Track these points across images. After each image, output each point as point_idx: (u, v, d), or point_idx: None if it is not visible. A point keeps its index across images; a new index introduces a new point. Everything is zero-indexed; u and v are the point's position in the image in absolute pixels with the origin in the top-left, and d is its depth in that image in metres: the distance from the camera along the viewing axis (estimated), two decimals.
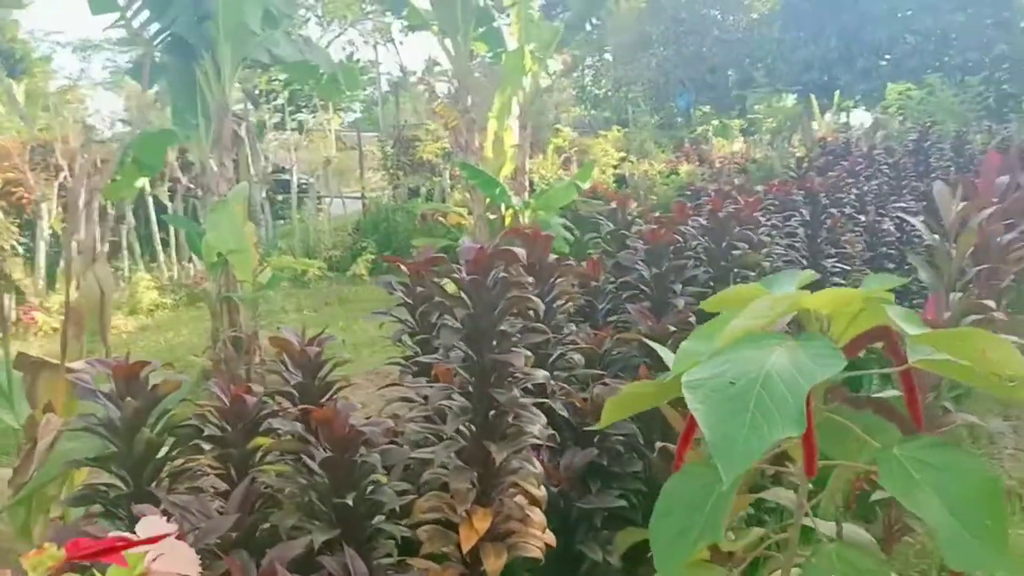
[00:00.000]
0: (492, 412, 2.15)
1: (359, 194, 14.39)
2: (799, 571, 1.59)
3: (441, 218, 11.00)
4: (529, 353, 2.14)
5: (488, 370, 2.13)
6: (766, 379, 1.20)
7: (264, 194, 12.96)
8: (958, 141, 8.81)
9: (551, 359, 2.62)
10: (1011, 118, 13.67)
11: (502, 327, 2.12)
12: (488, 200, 10.03)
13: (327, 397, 2.43)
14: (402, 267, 2.78)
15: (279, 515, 2.05)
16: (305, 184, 15.01)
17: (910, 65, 19.15)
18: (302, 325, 2.64)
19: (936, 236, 5.29)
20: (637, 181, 11.32)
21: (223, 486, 2.24)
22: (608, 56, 26.91)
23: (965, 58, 19.29)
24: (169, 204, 11.52)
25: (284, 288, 10.07)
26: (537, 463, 2.15)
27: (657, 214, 4.98)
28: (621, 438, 2.55)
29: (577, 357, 2.73)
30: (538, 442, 2.15)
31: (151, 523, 1.64)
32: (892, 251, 5.46)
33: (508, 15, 10.84)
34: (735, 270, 3.50)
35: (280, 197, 14.85)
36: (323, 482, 2.01)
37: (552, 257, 2.69)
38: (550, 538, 2.16)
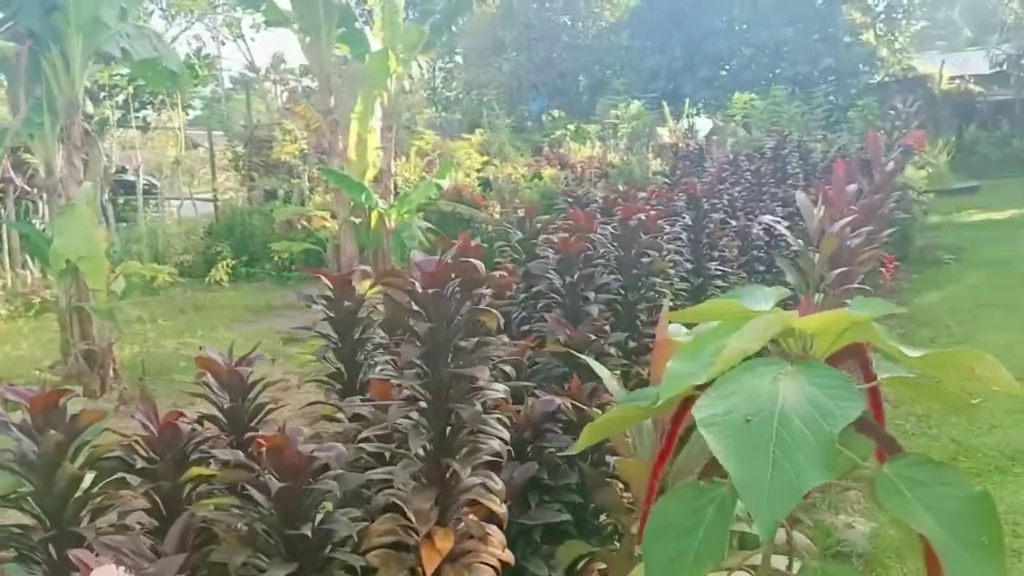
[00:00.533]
0: (449, 428, 2.09)
1: (211, 196, 13.74)
2: None
3: (304, 222, 10.68)
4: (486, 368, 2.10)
5: (446, 384, 2.07)
6: (782, 418, 1.19)
7: (106, 196, 12.16)
8: (802, 149, 9.40)
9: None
10: (841, 127, 14.67)
11: (461, 341, 2.06)
12: (352, 203, 9.83)
13: (257, 420, 2.30)
14: (323, 279, 2.66)
15: (224, 551, 1.91)
16: (149, 185, 14.19)
17: (747, 76, 20.25)
18: (156, 334, 2.47)
19: (800, 242, 5.64)
20: (501, 184, 11.40)
21: (149, 521, 2.07)
22: (459, 59, 27.02)
23: (796, 70, 20.60)
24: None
25: (134, 296, 9.49)
26: (498, 479, 2.11)
27: (547, 216, 5.03)
28: (556, 450, 2.54)
29: (509, 369, 2.71)
30: (497, 459, 2.11)
31: (106, 573, 1.51)
32: (762, 255, 5.74)
33: (367, 15, 10.68)
34: (644, 277, 3.57)
35: (122, 199, 13.99)
36: (272, 514, 1.89)
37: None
38: (508, 556, 2.12)
